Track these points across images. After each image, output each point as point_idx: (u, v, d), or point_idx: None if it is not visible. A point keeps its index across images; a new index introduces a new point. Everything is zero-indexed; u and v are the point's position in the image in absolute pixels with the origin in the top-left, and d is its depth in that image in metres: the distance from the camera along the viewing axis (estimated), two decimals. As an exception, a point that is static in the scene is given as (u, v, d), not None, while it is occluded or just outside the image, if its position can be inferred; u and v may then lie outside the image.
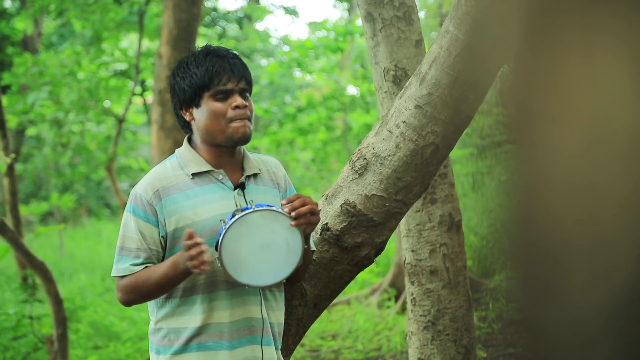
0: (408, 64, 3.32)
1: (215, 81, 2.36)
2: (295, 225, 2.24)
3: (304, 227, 2.26)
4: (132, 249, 2.34)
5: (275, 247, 2.27)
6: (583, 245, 0.77)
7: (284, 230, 2.26)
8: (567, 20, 0.76)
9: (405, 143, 2.57)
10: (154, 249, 2.34)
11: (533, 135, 0.79)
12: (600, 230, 0.76)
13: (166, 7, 7.92)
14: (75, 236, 15.66)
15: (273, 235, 2.26)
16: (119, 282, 2.37)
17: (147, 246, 2.34)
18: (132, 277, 2.33)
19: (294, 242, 2.27)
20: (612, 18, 0.74)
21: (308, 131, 11.50)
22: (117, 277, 2.37)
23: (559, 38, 0.77)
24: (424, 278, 3.53)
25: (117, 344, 7.08)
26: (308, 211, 2.24)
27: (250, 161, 2.48)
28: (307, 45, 11.44)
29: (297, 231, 2.26)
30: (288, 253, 2.28)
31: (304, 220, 2.24)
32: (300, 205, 2.25)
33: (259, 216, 2.24)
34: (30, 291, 6.15)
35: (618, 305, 0.76)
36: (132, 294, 2.35)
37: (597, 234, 0.77)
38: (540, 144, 0.78)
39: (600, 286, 0.76)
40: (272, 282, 2.29)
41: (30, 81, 10.17)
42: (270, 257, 2.27)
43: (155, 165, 2.49)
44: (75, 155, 12.02)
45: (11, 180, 6.78)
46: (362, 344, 6.83)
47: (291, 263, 2.29)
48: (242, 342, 2.36)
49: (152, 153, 8.05)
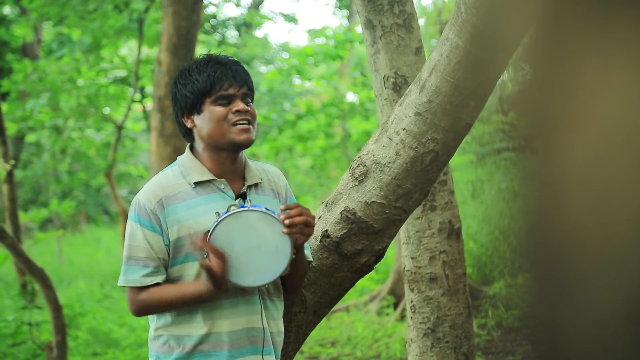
0: (408, 71, 3.32)
1: (216, 87, 2.37)
2: (287, 233, 2.24)
3: (295, 237, 2.27)
4: (141, 257, 2.34)
5: (263, 250, 2.27)
6: (600, 249, 0.78)
7: (275, 236, 2.26)
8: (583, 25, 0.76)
9: (405, 150, 2.57)
10: (161, 257, 2.35)
11: (551, 140, 0.80)
12: (617, 234, 0.77)
13: (166, 14, 7.94)
14: (75, 243, 15.66)
15: (264, 238, 2.26)
16: (134, 296, 2.36)
17: (156, 255, 2.34)
18: (148, 296, 2.34)
19: (283, 249, 2.27)
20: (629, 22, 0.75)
21: (307, 138, 11.51)
22: (129, 288, 2.37)
23: (576, 43, 0.77)
24: (424, 285, 3.53)
25: (116, 351, 7.06)
26: (302, 222, 2.25)
27: (252, 170, 2.48)
28: (307, 53, 11.46)
29: (288, 239, 2.26)
30: (275, 259, 2.28)
31: (296, 230, 2.25)
32: (297, 214, 2.25)
33: (254, 216, 2.25)
34: (29, 298, 6.15)
35: (635, 306, 0.76)
36: (147, 311, 2.39)
37: (614, 238, 0.77)
38: (559, 150, 0.79)
39: (618, 288, 0.77)
40: (253, 284, 2.29)
41: (29, 88, 10.18)
42: (256, 258, 2.27)
43: (157, 173, 2.49)
44: (75, 162, 12.03)
45: (10, 186, 6.79)
46: (361, 351, 6.82)
47: (276, 269, 2.28)
48: (242, 352, 2.36)
49: (152, 160, 8.05)
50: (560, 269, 0.80)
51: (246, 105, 2.38)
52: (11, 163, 6.28)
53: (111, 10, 10.22)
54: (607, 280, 0.77)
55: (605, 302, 0.77)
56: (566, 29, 0.77)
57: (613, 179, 0.77)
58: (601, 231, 0.78)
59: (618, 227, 0.77)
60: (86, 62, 10.84)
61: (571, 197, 0.78)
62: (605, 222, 0.77)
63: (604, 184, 0.77)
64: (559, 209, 0.79)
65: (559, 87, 0.79)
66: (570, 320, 0.79)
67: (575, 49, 0.77)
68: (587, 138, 0.77)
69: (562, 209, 0.79)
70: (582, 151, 0.77)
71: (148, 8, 10.13)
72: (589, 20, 0.76)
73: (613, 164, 0.76)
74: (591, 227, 0.78)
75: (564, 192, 0.79)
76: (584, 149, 0.77)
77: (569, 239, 0.79)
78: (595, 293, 0.78)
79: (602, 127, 0.77)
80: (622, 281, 0.77)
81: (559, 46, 0.78)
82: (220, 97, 2.36)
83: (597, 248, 0.78)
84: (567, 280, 0.80)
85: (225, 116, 2.36)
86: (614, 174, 0.77)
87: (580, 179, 0.78)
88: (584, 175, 0.78)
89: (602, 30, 0.76)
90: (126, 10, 10.32)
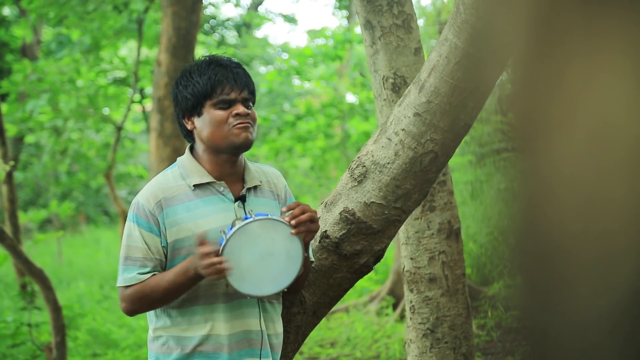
0: (407, 71, 3.32)
1: (217, 90, 2.36)
2: (295, 233, 2.24)
3: (303, 235, 2.27)
4: (139, 258, 2.34)
5: (275, 256, 2.27)
6: (587, 254, 0.77)
7: (283, 239, 2.26)
8: (570, 27, 0.76)
9: (404, 151, 2.57)
10: (158, 258, 2.34)
11: (537, 143, 0.80)
12: (604, 238, 0.77)
13: (165, 15, 7.93)
14: (74, 243, 15.65)
15: (273, 244, 2.26)
16: (124, 292, 2.35)
17: (153, 255, 2.34)
18: (139, 285, 2.32)
19: (294, 250, 2.27)
20: (615, 24, 0.75)
21: (307, 139, 11.51)
22: (121, 287, 2.36)
23: (562, 45, 0.77)
24: (423, 286, 3.53)
25: (116, 352, 7.06)
26: (308, 219, 2.25)
27: (251, 172, 2.48)
28: (306, 53, 11.46)
29: (297, 240, 2.27)
30: (288, 262, 2.28)
31: (304, 228, 2.25)
32: (300, 213, 2.25)
33: (259, 226, 2.24)
34: (29, 299, 6.14)
35: (622, 313, 0.76)
36: (138, 302, 2.34)
37: (601, 243, 0.77)
38: (544, 153, 0.79)
39: (605, 294, 0.77)
40: (273, 292, 2.29)
41: (29, 89, 10.18)
42: (270, 266, 2.27)
43: (156, 174, 2.50)
44: (74, 162, 12.02)
45: (10, 187, 6.79)
46: (360, 352, 6.82)
47: (291, 272, 2.29)
48: (241, 355, 2.36)
49: (151, 160, 8.05)
50: (547, 273, 0.80)
51: (247, 109, 2.38)
52: (11, 164, 6.28)
53: (110, 10, 10.22)
54: (595, 286, 0.77)
55: (593, 308, 0.77)
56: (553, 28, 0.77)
57: (601, 182, 0.76)
58: (587, 235, 0.77)
59: (606, 231, 0.77)
60: (86, 62, 10.84)
61: (558, 201, 0.78)
62: (592, 227, 0.77)
63: (592, 188, 0.77)
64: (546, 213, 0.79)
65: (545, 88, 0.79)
66: (556, 326, 0.79)
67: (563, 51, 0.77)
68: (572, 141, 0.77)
69: (548, 213, 0.79)
70: (569, 154, 0.77)
71: (147, 9, 10.13)
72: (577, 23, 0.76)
73: (601, 167, 0.76)
74: (577, 232, 0.78)
75: (550, 195, 0.79)
76: (571, 151, 0.77)
77: (556, 243, 0.79)
78: (583, 299, 0.78)
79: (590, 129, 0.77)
80: (610, 287, 0.76)
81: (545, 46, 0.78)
82: (221, 102, 2.36)
83: (584, 252, 0.78)
84: (554, 286, 0.80)
85: (226, 120, 2.36)
86: (602, 178, 0.76)
87: (567, 182, 0.78)
88: (571, 178, 0.78)
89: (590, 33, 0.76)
90: (125, 10, 10.32)
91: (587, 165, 0.77)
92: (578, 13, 0.76)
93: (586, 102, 0.76)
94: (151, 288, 2.30)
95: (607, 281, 0.76)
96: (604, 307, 0.76)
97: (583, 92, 0.76)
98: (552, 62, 0.77)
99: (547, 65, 0.78)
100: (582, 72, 0.76)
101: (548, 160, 0.78)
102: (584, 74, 0.76)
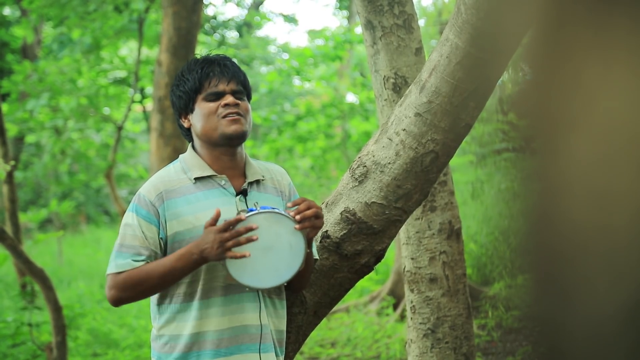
0: (408, 72, 3.32)
1: (205, 84, 2.41)
2: (300, 228, 2.25)
3: (307, 231, 2.28)
4: (135, 245, 2.33)
5: (278, 249, 2.28)
6: (600, 249, 0.78)
7: (287, 234, 2.27)
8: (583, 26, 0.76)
9: (405, 151, 2.58)
10: (153, 249, 2.34)
11: (552, 142, 0.80)
12: (617, 234, 0.77)
13: (166, 15, 7.94)
14: (74, 243, 15.64)
15: (276, 237, 2.27)
16: (115, 278, 2.32)
17: (149, 245, 2.33)
18: (133, 271, 2.30)
19: (297, 245, 2.29)
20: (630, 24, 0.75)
21: (307, 139, 11.52)
22: (111, 274, 2.33)
23: (577, 45, 0.77)
24: (424, 286, 3.53)
25: (116, 352, 7.07)
26: (313, 214, 2.26)
27: (253, 167, 2.49)
28: (307, 54, 11.46)
29: (301, 235, 2.28)
30: (290, 256, 2.29)
31: (309, 224, 2.26)
32: (306, 208, 2.27)
33: (264, 218, 2.25)
34: (29, 298, 6.14)
35: (636, 307, 0.76)
36: (130, 289, 2.31)
37: (614, 239, 0.77)
38: (559, 151, 0.79)
39: (618, 289, 0.77)
40: (273, 285, 2.30)
41: (29, 89, 10.19)
42: (272, 259, 2.28)
43: (158, 171, 2.52)
44: (75, 162, 12.03)
45: (10, 187, 6.79)
46: (361, 352, 6.82)
47: (293, 266, 2.30)
48: (241, 349, 2.36)
49: (152, 160, 8.06)
50: (561, 269, 0.80)
51: (237, 100, 2.41)
52: (11, 164, 6.28)
53: (111, 10, 10.22)
54: (608, 281, 0.78)
55: (605, 303, 0.77)
56: (566, 29, 0.78)
57: (613, 180, 0.77)
58: (601, 232, 0.78)
59: (618, 228, 0.77)
60: (86, 62, 10.84)
61: (571, 198, 0.79)
62: (605, 223, 0.77)
63: (604, 185, 0.77)
64: (559, 210, 0.79)
65: (559, 88, 0.79)
66: (571, 320, 0.79)
67: (575, 50, 0.77)
68: (587, 139, 0.77)
69: (562, 210, 0.79)
70: (582, 152, 0.78)
71: (148, 9, 10.14)
72: (589, 21, 0.76)
73: (613, 165, 0.77)
74: (591, 228, 0.78)
75: (564, 193, 0.79)
76: (584, 150, 0.77)
77: (569, 240, 0.79)
78: (596, 294, 0.78)
79: (603, 128, 0.77)
80: (622, 282, 0.77)
81: (559, 47, 0.78)
82: (210, 94, 2.41)
83: (597, 249, 0.78)
84: (568, 281, 0.80)
85: (215, 110, 2.40)
86: (614, 175, 0.77)
87: (580, 180, 0.78)
88: (584, 176, 0.78)
89: (602, 31, 0.76)
90: (126, 10, 10.32)
91: (600, 162, 0.77)
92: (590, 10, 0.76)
93: (599, 100, 0.76)
94: (146, 273, 2.29)
95: (619, 274, 0.77)
96: (617, 300, 0.77)
97: (595, 89, 0.76)
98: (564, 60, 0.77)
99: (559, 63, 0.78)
100: (595, 69, 0.76)
101: (561, 158, 0.79)
102: (597, 72, 0.76)
